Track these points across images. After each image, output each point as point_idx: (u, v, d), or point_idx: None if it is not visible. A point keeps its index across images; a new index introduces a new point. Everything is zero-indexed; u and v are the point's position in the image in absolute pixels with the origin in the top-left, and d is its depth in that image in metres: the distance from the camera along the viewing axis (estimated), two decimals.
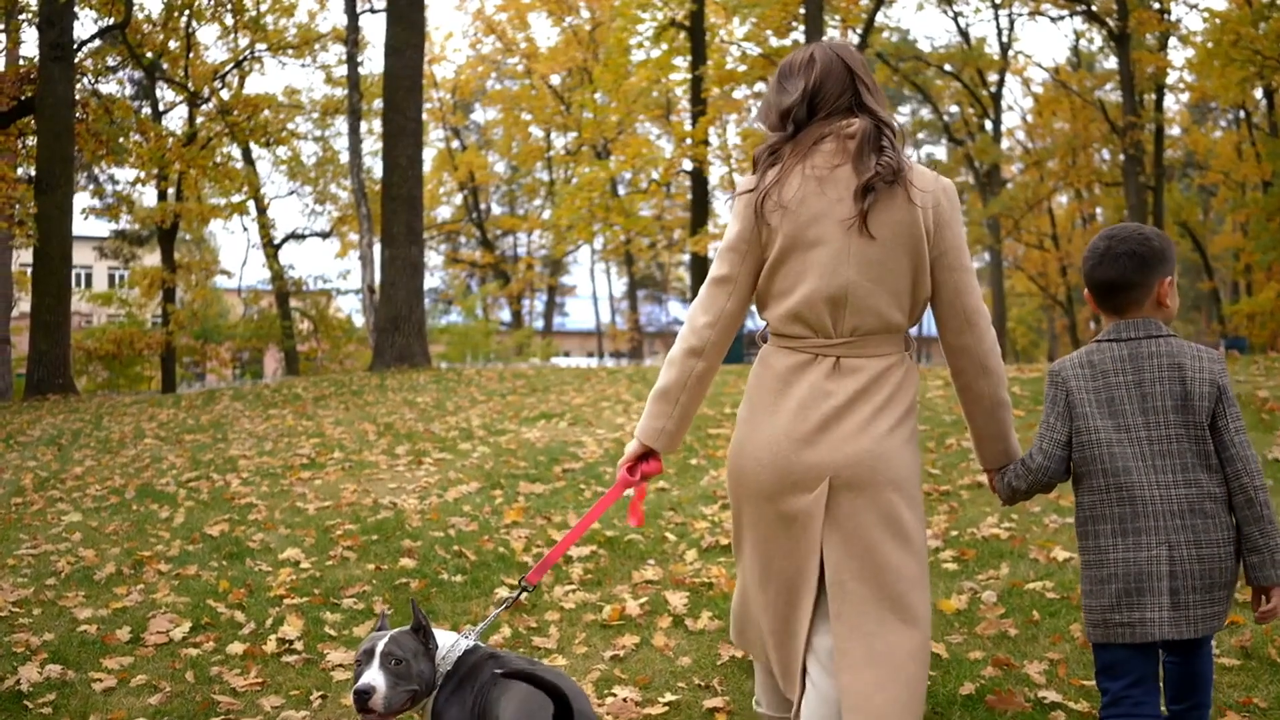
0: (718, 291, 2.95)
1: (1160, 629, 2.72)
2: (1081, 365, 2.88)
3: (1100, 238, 2.96)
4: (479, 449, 8.97)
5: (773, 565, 2.91)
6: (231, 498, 7.71)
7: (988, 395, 2.96)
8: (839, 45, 3.00)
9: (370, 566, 5.86)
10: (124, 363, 32.40)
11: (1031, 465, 2.92)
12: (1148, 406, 2.79)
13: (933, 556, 5.45)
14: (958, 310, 2.90)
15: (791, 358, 2.89)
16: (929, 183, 2.87)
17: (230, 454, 9.64)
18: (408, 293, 17.64)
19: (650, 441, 3.03)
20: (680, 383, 2.98)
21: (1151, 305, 2.88)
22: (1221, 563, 2.73)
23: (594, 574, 5.61)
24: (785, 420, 2.85)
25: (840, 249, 2.80)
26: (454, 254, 51.64)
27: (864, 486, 2.79)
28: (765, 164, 2.93)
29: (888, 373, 2.86)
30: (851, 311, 2.82)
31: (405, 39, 17.85)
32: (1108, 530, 2.79)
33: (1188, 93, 36.64)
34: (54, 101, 18.94)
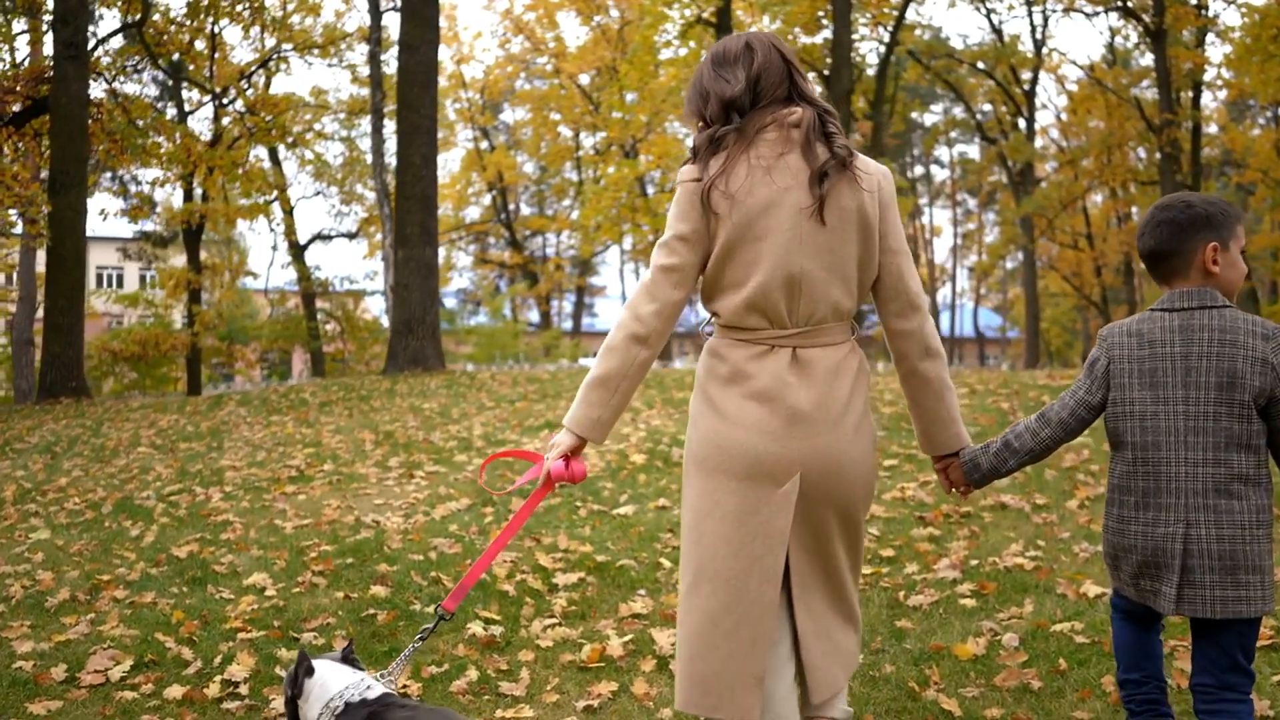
0: (664, 279, 2.89)
1: (1168, 605, 2.74)
2: (1130, 334, 2.86)
3: (1152, 207, 2.96)
4: (475, 461, 8.52)
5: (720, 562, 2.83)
6: (208, 514, 7.28)
7: (935, 378, 2.95)
8: (772, 35, 3.00)
9: (339, 595, 5.40)
10: (150, 364, 32.17)
11: (1051, 418, 2.92)
12: (1190, 380, 2.74)
13: (949, 590, 4.95)
14: (901, 293, 2.90)
15: (747, 349, 2.86)
16: (873, 167, 2.89)
17: (220, 464, 9.24)
18: (422, 295, 17.22)
19: (584, 431, 2.94)
20: (622, 371, 2.90)
21: (1198, 273, 2.82)
22: (1249, 545, 2.69)
23: (579, 606, 5.14)
24: (753, 411, 2.82)
25: (792, 237, 2.79)
26: (483, 254, 51.43)
27: (830, 485, 2.81)
28: (708, 153, 2.89)
29: (844, 364, 2.87)
30: (806, 300, 2.82)
31: (419, 35, 17.43)
32: (1132, 501, 2.81)
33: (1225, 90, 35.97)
34: (68, 101, 18.63)
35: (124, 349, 31.09)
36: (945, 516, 6.19)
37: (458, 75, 45.19)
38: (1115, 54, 39.63)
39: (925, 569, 5.29)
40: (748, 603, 2.80)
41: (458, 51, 45.53)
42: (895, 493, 6.77)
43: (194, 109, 30.33)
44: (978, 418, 8.72)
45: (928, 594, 4.89)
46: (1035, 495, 6.49)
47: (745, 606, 2.81)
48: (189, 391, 29.05)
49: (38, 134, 21.40)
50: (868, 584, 5.14)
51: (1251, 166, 35.22)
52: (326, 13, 54.32)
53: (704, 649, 2.84)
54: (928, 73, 37.96)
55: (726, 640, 2.81)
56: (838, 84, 27.59)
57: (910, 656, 4.25)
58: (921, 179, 57.20)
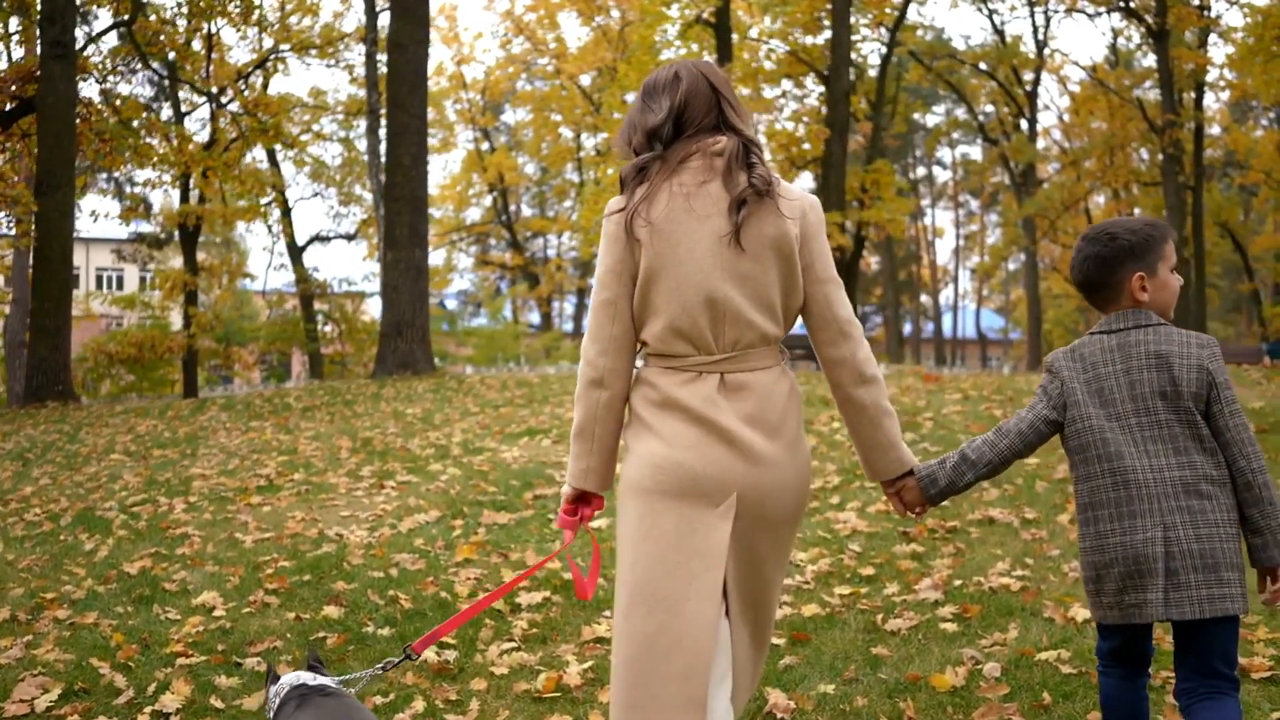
0: (601, 317, 2.91)
1: (1157, 610, 2.72)
2: (1073, 358, 2.93)
3: (1079, 239, 3.02)
4: (449, 470, 8.25)
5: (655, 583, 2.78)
6: (168, 526, 7.02)
7: (871, 404, 2.92)
8: (703, 65, 3.01)
9: (290, 616, 5.13)
10: (146, 366, 31.87)
11: (1008, 430, 2.94)
12: (1136, 394, 2.82)
13: (930, 613, 4.67)
14: (829, 321, 2.90)
15: (675, 376, 2.86)
16: (796, 195, 2.90)
17: (190, 473, 8.97)
18: (411, 297, 16.96)
19: (579, 483, 2.97)
20: (591, 416, 2.92)
21: (1129, 300, 2.92)
22: (1224, 543, 2.72)
23: (540, 628, 4.86)
24: (688, 434, 2.80)
25: (713, 264, 2.81)
26: (483, 256, 51.21)
27: (764, 507, 2.81)
28: (633, 183, 2.90)
29: (775, 388, 2.86)
30: (730, 325, 2.82)
31: (409, 34, 17.17)
32: (1106, 515, 2.81)
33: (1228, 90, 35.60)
34: (55, 100, 18.38)
35: (120, 351, 30.73)
36: (930, 532, 5.92)
37: (458, 76, 45.01)
38: (1118, 55, 39.39)
39: (906, 589, 5.01)
40: (685, 623, 2.76)
41: (458, 52, 45.39)
42: (879, 505, 6.50)
43: (191, 110, 30.08)
44: (970, 425, 8.45)
45: (907, 617, 4.61)
46: (1025, 509, 6.21)
47: (682, 627, 2.76)
48: (185, 394, 28.77)
49: (26, 134, 21.13)
50: (845, 606, 4.86)
51: (1254, 168, 34.96)
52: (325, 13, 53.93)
53: (641, 674, 2.77)
54: (929, 74, 37.72)
55: (664, 663, 2.75)
56: (837, 84, 27.34)
57: (885, 688, 3.97)
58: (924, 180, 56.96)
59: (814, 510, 6.56)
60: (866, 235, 30.58)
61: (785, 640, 4.46)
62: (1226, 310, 53.05)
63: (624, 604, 2.83)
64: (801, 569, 5.39)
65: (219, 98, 28.36)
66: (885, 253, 51.55)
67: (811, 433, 8.89)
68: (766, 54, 30.86)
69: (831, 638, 4.49)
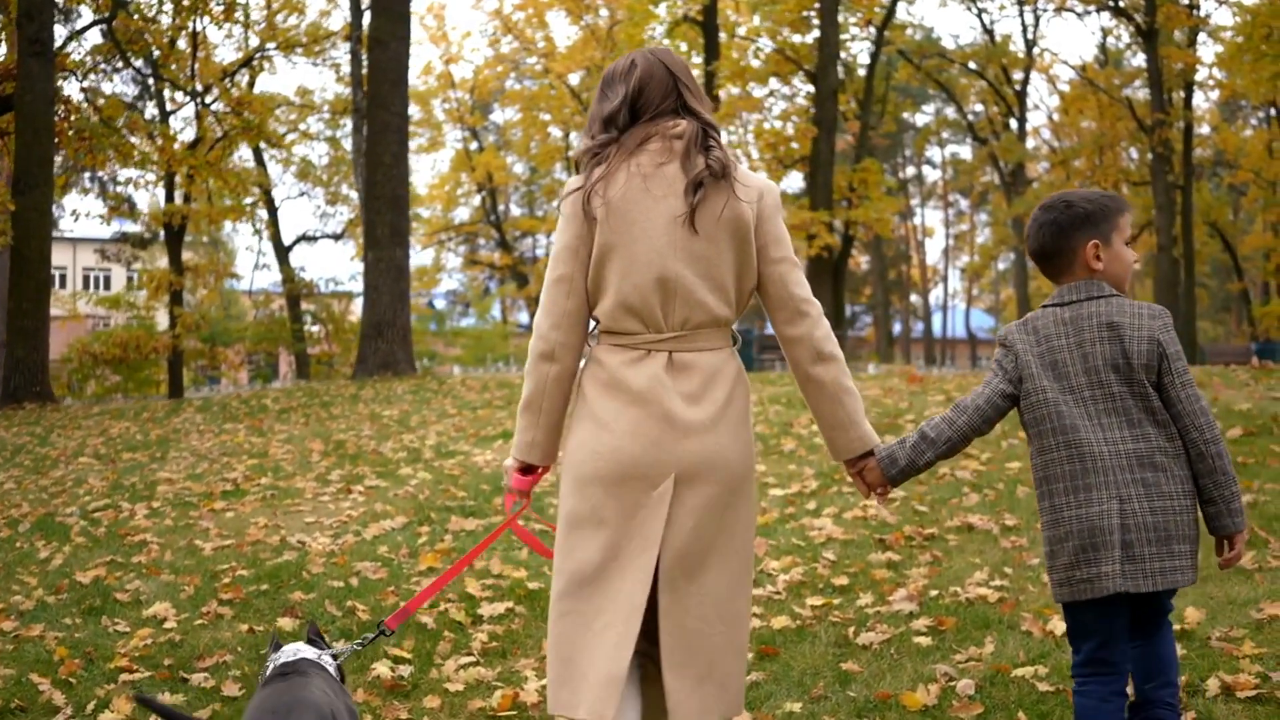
0: (556, 292, 2.93)
1: (1114, 581, 2.72)
2: (1026, 331, 2.93)
3: (1035, 209, 3.01)
4: (420, 475, 8.06)
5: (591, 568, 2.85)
6: (127, 533, 6.82)
7: (829, 381, 2.94)
8: (661, 51, 3.05)
9: (243, 628, 4.94)
10: (131, 367, 31.59)
11: (966, 405, 2.94)
12: (1089, 366, 2.83)
13: (903, 626, 4.49)
14: (786, 300, 2.93)
15: (624, 354, 2.89)
16: (753, 180, 2.95)
17: (157, 476, 8.77)
18: (392, 297, 16.77)
19: (524, 456, 3.02)
20: (540, 390, 2.95)
21: (1083, 269, 2.92)
22: (1178, 515, 2.75)
23: (501, 641, 4.69)
24: (630, 415, 2.84)
25: (666, 243, 2.84)
26: (472, 255, 50.98)
27: (705, 485, 2.83)
28: (591, 165, 2.95)
29: (723, 368, 2.90)
30: (681, 303, 2.86)
31: (390, 31, 16.98)
32: (1061, 489, 2.82)
33: (1217, 90, 35.67)
34: (33, 98, 18.15)
35: (105, 352, 30.43)
36: (907, 539, 5.74)
37: (446, 75, 44.74)
38: (1107, 54, 39.34)
39: (880, 600, 4.82)
40: (617, 605, 2.81)
41: (446, 51, 45.10)
42: (857, 511, 6.32)
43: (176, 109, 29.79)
44: None
45: (880, 631, 4.42)
46: (1005, 515, 6.03)
47: (616, 607, 2.81)
48: (170, 394, 28.52)
49: (4, 132, 20.89)
50: (816, 618, 4.68)
51: (1243, 167, 34.93)
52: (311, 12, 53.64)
53: (573, 653, 2.84)
54: (919, 73, 37.58)
55: (598, 640, 2.82)
56: (824, 82, 27.21)
57: (854, 706, 3.79)
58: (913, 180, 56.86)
59: (789, 516, 6.39)
60: (855, 234, 30.44)
61: (753, 655, 4.28)
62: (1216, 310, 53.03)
63: (563, 584, 2.90)
64: (773, 578, 5.22)
65: (203, 96, 28.10)
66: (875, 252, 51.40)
67: (790, 435, 8.72)
68: (754, 52, 30.70)
69: (801, 652, 4.31)
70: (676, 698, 2.82)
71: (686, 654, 2.84)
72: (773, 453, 8.23)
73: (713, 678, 2.86)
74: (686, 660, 2.83)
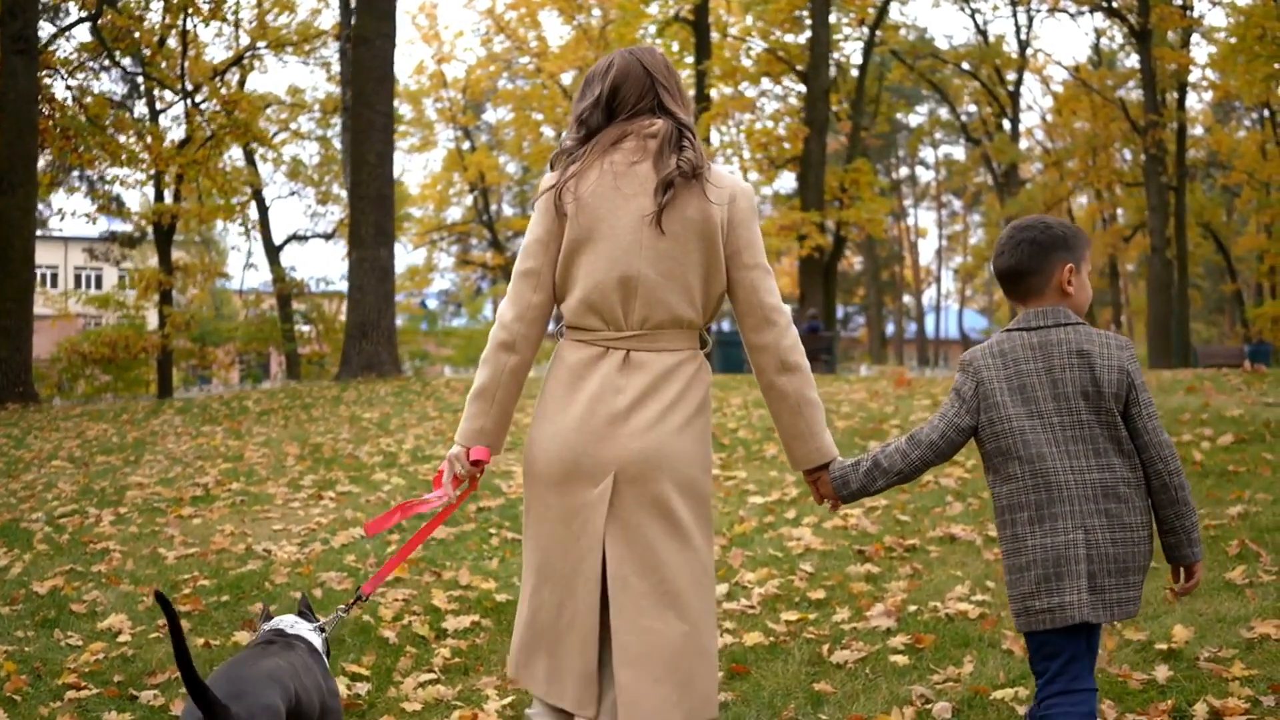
0: (523, 285, 2.95)
1: (1080, 611, 2.70)
2: (993, 354, 2.88)
3: (1009, 227, 2.97)
4: (394, 480, 7.89)
5: (554, 562, 2.90)
6: (91, 540, 6.64)
7: (792, 392, 2.94)
8: (642, 50, 3.05)
9: (199, 642, 4.77)
10: (120, 366, 31.39)
11: (922, 439, 2.89)
12: (1058, 393, 2.79)
13: (880, 643, 4.32)
14: (755, 307, 2.92)
15: (583, 351, 2.91)
16: (726, 182, 2.93)
17: (129, 481, 8.59)
18: (377, 298, 16.60)
19: (468, 442, 3.00)
20: (495, 379, 2.96)
21: (1054, 293, 2.89)
22: (1136, 546, 2.75)
23: (464, 657, 4.51)
24: (576, 413, 2.87)
25: (632, 241, 2.85)
26: (464, 255, 50.82)
27: (647, 482, 2.82)
28: (566, 162, 2.96)
29: (678, 368, 2.89)
30: (642, 302, 2.86)
31: (375, 28, 16.80)
32: (1024, 518, 2.79)
33: (1211, 91, 35.52)
34: (16, 97, 17.95)
35: (93, 351, 30.24)
36: (887, 550, 5.57)
37: (439, 74, 44.55)
38: (1100, 55, 39.25)
39: (857, 615, 4.66)
40: (577, 601, 2.86)
41: (438, 50, 44.91)
42: (837, 520, 6.16)
43: (166, 107, 29.56)
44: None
45: (855, 648, 4.26)
46: (988, 525, 5.86)
47: (575, 605, 2.86)
48: (159, 394, 28.33)
49: None
50: (789, 634, 4.51)
51: (1237, 168, 34.81)
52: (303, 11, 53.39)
53: (554, 645, 2.90)
54: (912, 73, 37.44)
55: (569, 634, 2.88)
56: (816, 82, 27.06)
57: None
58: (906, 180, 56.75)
59: (767, 525, 6.23)
60: (846, 235, 30.29)
61: (723, 674, 4.12)
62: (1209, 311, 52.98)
63: (531, 581, 2.96)
64: (748, 591, 5.05)
65: (193, 95, 27.89)
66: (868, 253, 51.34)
67: (773, 440, 8.56)
68: (745, 52, 30.56)
69: (773, 670, 4.14)
70: (629, 696, 2.78)
71: (642, 651, 2.80)
72: (754, 458, 8.07)
73: (672, 678, 2.81)
74: (642, 658, 2.80)
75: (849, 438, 8.41)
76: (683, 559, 2.86)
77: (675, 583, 2.83)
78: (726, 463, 8.05)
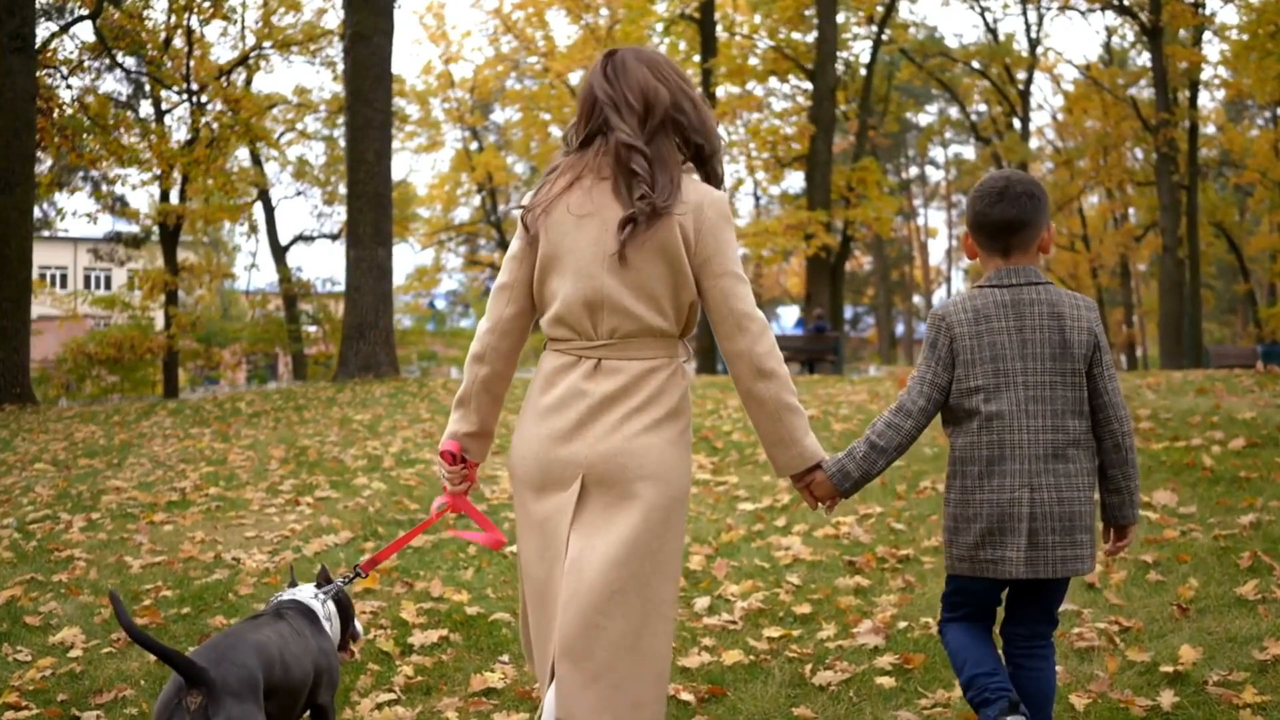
0: (498, 298, 3.03)
1: (1017, 568, 2.79)
2: (965, 310, 2.90)
3: (996, 177, 2.96)
4: (374, 485, 7.65)
5: (531, 567, 2.92)
6: (57, 548, 6.41)
7: (770, 399, 2.89)
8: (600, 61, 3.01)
9: (151, 659, 4.53)
10: (127, 367, 31.26)
11: (912, 409, 2.91)
12: (1027, 353, 2.83)
13: (866, 663, 4.06)
14: (727, 315, 2.89)
15: (558, 359, 2.95)
16: (692, 193, 2.89)
17: (108, 485, 8.36)
18: (374, 298, 16.38)
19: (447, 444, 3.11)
20: (469, 388, 3.06)
21: (1035, 249, 2.93)
22: (1082, 506, 2.81)
23: (428, 675, 4.26)
24: (547, 419, 2.89)
25: (596, 255, 2.86)
26: (472, 256, 50.67)
27: (613, 483, 2.82)
28: (539, 184, 3.01)
29: (649, 375, 2.88)
30: (609, 314, 2.87)
31: (371, 24, 16.58)
32: (975, 471, 2.85)
33: (1223, 89, 35.19)
34: (13, 95, 17.74)
35: (99, 352, 30.13)
36: (879, 561, 5.30)
37: (446, 74, 44.37)
38: (1111, 53, 38.93)
39: (844, 632, 4.39)
40: (551, 605, 2.86)
41: (446, 50, 44.74)
42: (829, 529, 5.89)
43: (171, 108, 29.37)
44: (936, 438, 7.84)
45: (840, 669, 3.99)
46: None
47: (549, 609, 2.86)
48: (165, 395, 28.17)
49: None
50: (771, 652, 4.25)
51: (1249, 167, 34.46)
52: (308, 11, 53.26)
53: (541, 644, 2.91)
54: (921, 72, 37.17)
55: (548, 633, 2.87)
56: (822, 81, 26.80)
57: None
58: (916, 180, 56.42)
59: (756, 534, 5.97)
60: (853, 235, 30.01)
61: (697, 696, 3.86)
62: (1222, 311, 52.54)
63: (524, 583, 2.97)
64: (730, 605, 4.79)
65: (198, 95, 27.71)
66: (877, 253, 51.02)
67: None
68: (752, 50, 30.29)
69: (751, 693, 3.88)
70: (565, 688, 2.73)
71: (584, 646, 2.75)
72: (747, 462, 7.82)
73: (607, 679, 2.74)
74: (582, 653, 2.75)
75: (845, 441, 8.12)
76: (645, 558, 2.80)
77: (630, 581, 2.78)
78: (718, 467, 7.79)
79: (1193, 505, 5.85)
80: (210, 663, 2.59)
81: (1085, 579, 4.74)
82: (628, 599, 2.76)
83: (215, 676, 2.55)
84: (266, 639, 2.82)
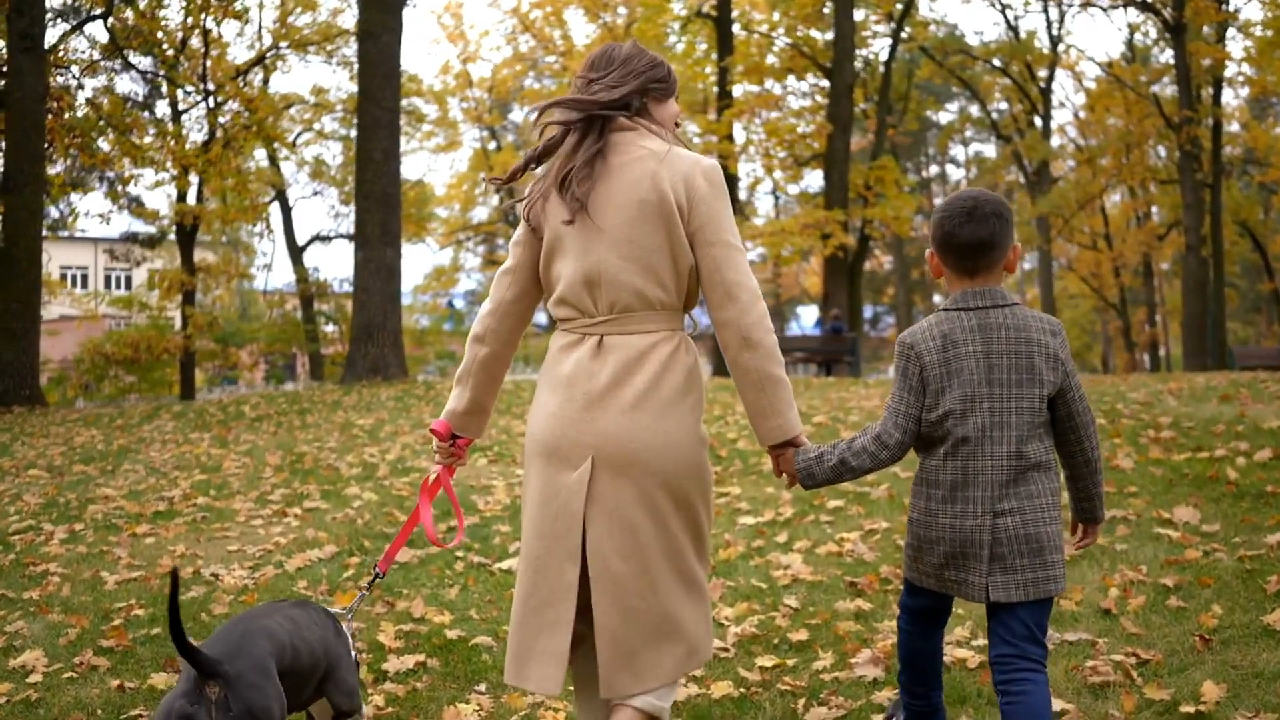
0: (501, 283, 3.11)
1: (978, 592, 2.81)
2: (933, 337, 2.89)
3: (963, 196, 2.93)
4: (366, 495, 7.42)
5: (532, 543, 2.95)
6: (33, 561, 6.19)
7: (754, 369, 2.91)
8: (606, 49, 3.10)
9: (114, 684, 4.29)
10: (144, 367, 31.19)
11: (889, 442, 2.90)
12: (993, 378, 2.82)
13: (863, 698, 3.78)
14: (716, 283, 2.91)
15: (564, 338, 3.00)
16: (681, 163, 2.93)
17: (97, 493, 8.16)
18: (383, 299, 16.16)
19: (447, 419, 3.19)
20: (467, 368, 3.15)
21: (1001, 270, 2.91)
22: (1048, 526, 2.80)
23: (400, 706, 4.01)
24: (557, 398, 2.94)
25: (591, 230, 2.91)
26: (491, 255, 50.58)
27: (629, 468, 2.84)
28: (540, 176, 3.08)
29: (652, 350, 2.91)
30: (607, 289, 2.91)
31: (381, 22, 16.36)
32: (939, 495, 2.86)
33: (1247, 86, 34.59)
34: (22, 95, 17.64)
35: (116, 352, 30.09)
36: (883, 582, 5.03)
37: (464, 74, 44.28)
38: (1134, 50, 38.52)
39: (841, 662, 4.12)
40: (550, 582, 2.89)
41: (464, 50, 44.63)
42: (831, 546, 5.62)
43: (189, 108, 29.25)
44: None
45: (834, 705, 3.71)
46: None
47: (549, 585, 2.90)
48: (182, 395, 28.06)
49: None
50: (763, 685, 3.98)
51: (1274, 165, 33.96)
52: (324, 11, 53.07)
53: (518, 624, 2.95)
54: (941, 70, 36.84)
55: (535, 617, 2.91)
56: (840, 78, 26.50)
57: None
58: (936, 178, 56.00)
59: (755, 551, 5.70)
60: (871, 234, 29.68)
61: None
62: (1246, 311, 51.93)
63: (520, 561, 3.03)
64: (724, 631, 4.53)
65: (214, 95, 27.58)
66: (897, 252, 50.67)
67: None
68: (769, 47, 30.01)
69: None
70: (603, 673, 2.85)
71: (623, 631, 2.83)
72: (751, 472, 7.55)
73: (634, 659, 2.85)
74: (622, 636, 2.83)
75: None
76: (670, 540, 2.88)
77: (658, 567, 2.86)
78: (721, 477, 7.52)
79: (1216, 523, 5.56)
80: (222, 655, 2.66)
81: (1101, 605, 4.46)
82: (656, 578, 2.85)
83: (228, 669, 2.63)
84: (278, 625, 2.90)
